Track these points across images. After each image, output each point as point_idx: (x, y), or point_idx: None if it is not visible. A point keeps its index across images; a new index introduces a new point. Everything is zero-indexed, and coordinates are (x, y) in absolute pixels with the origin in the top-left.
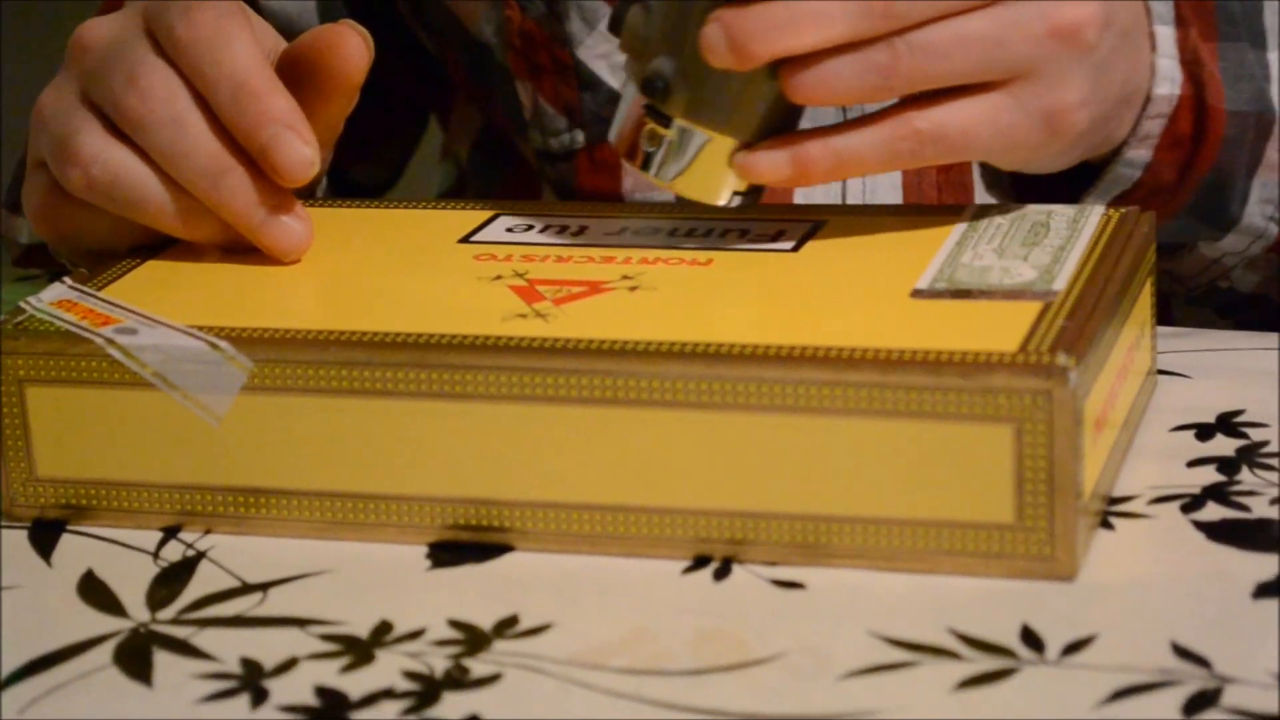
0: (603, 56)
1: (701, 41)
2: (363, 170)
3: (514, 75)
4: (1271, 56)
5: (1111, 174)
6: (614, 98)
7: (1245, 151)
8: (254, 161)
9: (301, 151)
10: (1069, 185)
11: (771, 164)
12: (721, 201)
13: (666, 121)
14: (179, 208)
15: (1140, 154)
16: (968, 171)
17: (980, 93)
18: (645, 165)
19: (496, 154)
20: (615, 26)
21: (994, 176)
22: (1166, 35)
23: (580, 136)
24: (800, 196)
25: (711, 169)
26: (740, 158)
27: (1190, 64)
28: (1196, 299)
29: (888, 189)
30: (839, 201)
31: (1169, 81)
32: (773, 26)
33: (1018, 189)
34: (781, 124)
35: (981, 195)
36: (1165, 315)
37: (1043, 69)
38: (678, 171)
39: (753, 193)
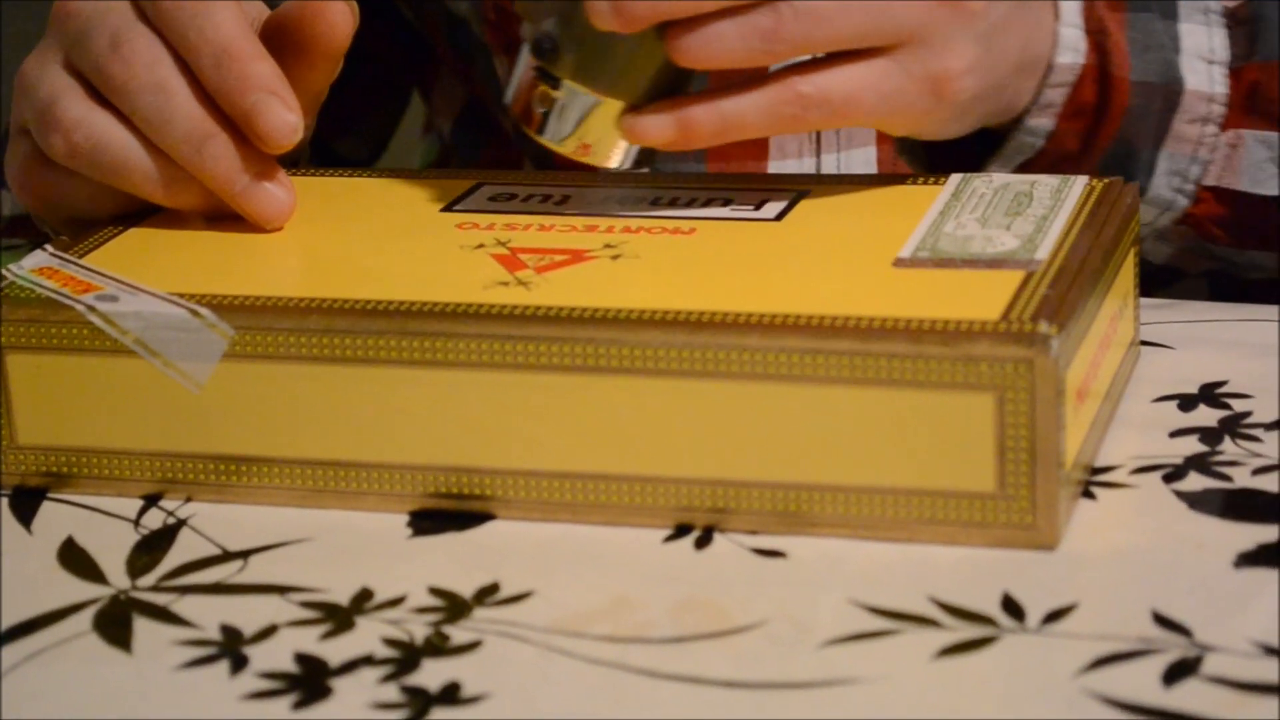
0: None
1: (586, 4)
2: (346, 144)
3: (491, 49)
4: (1183, 27)
5: (1014, 142)
6: None
7: (1151, 123)
8: (237, 128)
9: (285, 117)
10: (979, 152)
11: (657, 126)
12: (613, 164)
13: (556, 83)
14: (162, 174)
15: (1042, 122)
16: None
17: (866, 58)
18: (537, 127)
19: (479, 128)
20: None
21: (907, 142)
22: (1071, 4)
23: None
24: (774, 169)
25: (601, 131)
26: (626, 120)
27: (1095, 33)
28: None
29: (861, 166)
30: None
31: (1071, 50)
32: None
33: (930, 155)
34: (671, 87)
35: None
36: (1148, 286)
37: (927, 35)
38: (567, 133)
39: (644, 156)
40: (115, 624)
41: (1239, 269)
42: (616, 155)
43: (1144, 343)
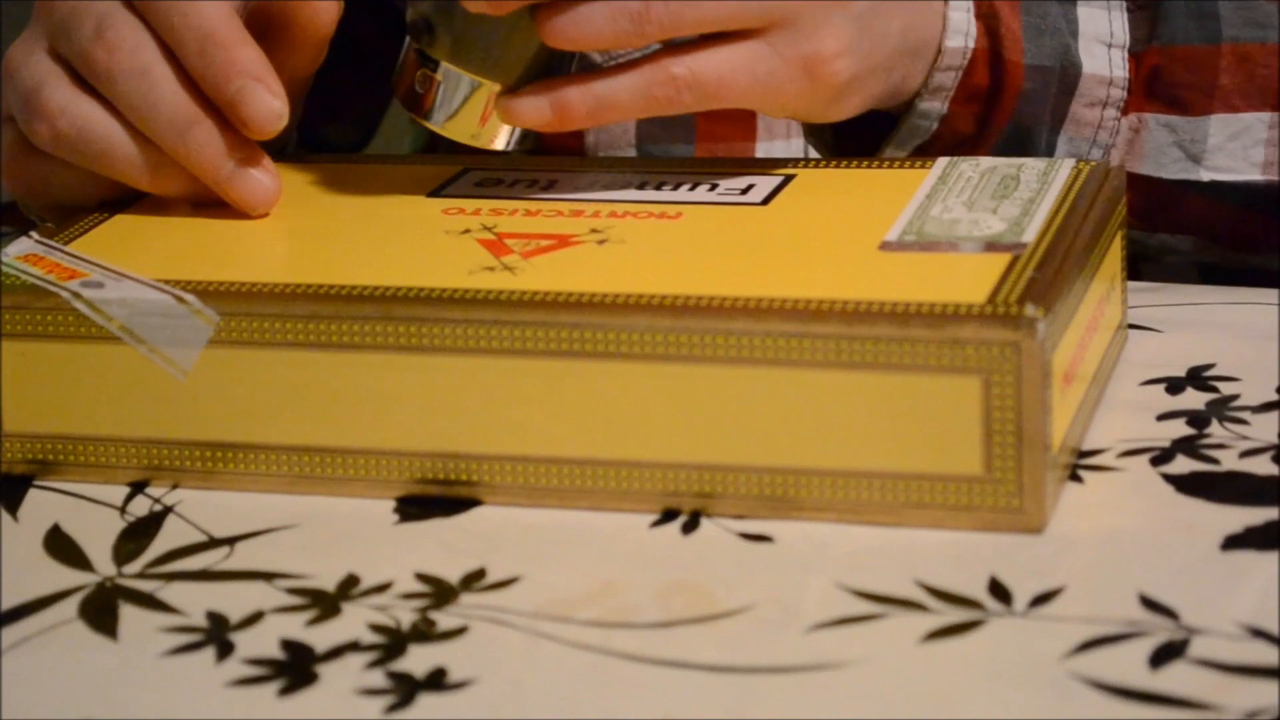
0: None
1: None
2: (335, 130)
3: None
4: (1081, 11)
5: (907, 125)
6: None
7: (1047, 106)
8: (222, 114)
9: (270, 103)
10: (883, 135)
11: (532, 107)
12: (496, 146)
13: (435, 66)
14: (146, 160)
15: (934, 105)
16: None
17: (739, 40)
18: (419, 109)
19: None
20: None
21: (814, 127)
22: None
23: None
24: (761, 155)
25: (481, 113)
26: (501, 101)
27: (986, 17)
28: None
29: None
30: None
31: (961, 34)
32: None
33: (836, 140)
34: (548, 69)
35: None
36: (1135, 270)
37: (799, 17)
38: (447, 116)
39: (525, 138)
40: (101, 611)
41: (1152, 252)
42: (499, 137)
43: (1131, 326)
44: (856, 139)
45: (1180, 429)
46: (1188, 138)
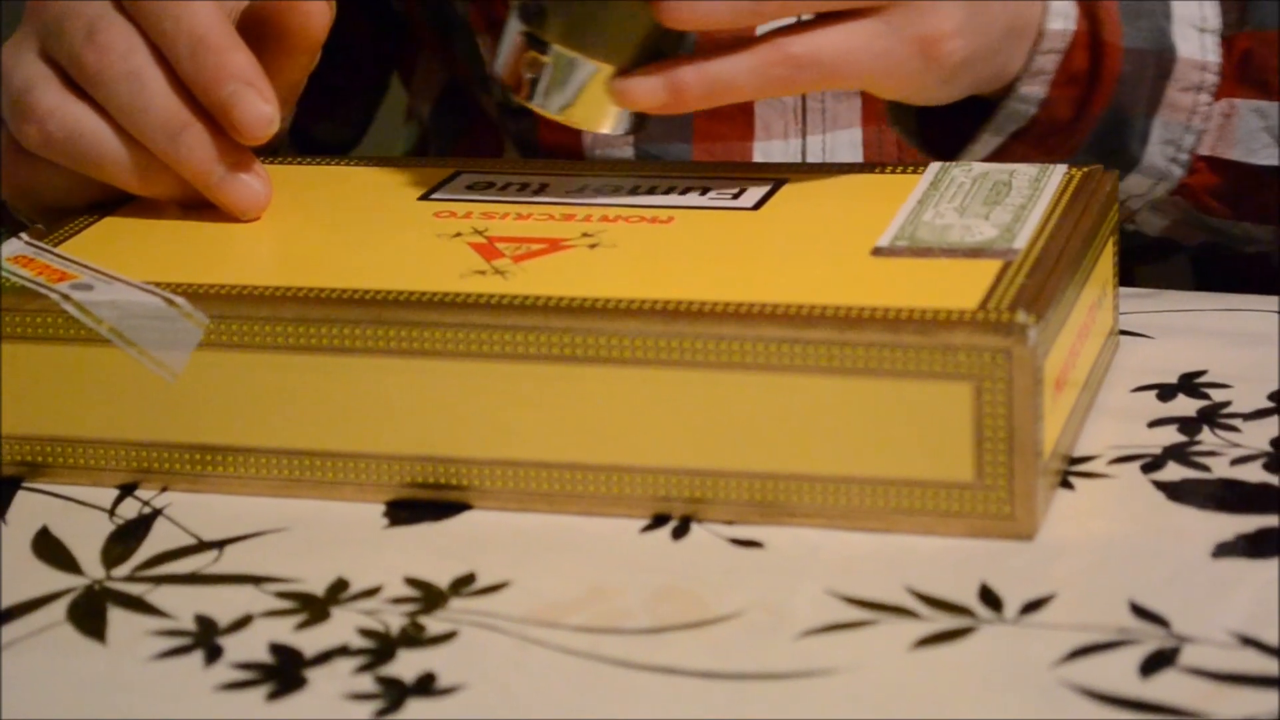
0: None
1: None
2: (326, 128)
3: (472, 27)
4: None
5: (1006, 109)
6: None
7: (1144, 90)
8: (213, 118)
9: (261, 109)
10: (971, 123)
11: (646, 89)
12: (604, 129)
13: (545, 48)
14: (137, 164)
15: (1034, 90)
16: None
17: (855, 19)
18: (528, 94)
19: (459, 111)
20: None
21: (898, 113)
22: None
23: None
24: (759, 154)
25: (592, 96)
26: (616, 83)
27: (1086, 0)
28: None
29: (847, 147)
30: (798, 160)
31: (1062, 17)
32: None
33: (922, 125)
34: (661, 51)
35: None
36: (1128, 276)
37: None
38: (558, 99)
39: (636, 121)
40: (90, 614)
41: (1234, 241)
42: (608, 120)
43: (1123, 332)
44: (945, 128)
45: (1172, 436)
46: (1278, 123)
